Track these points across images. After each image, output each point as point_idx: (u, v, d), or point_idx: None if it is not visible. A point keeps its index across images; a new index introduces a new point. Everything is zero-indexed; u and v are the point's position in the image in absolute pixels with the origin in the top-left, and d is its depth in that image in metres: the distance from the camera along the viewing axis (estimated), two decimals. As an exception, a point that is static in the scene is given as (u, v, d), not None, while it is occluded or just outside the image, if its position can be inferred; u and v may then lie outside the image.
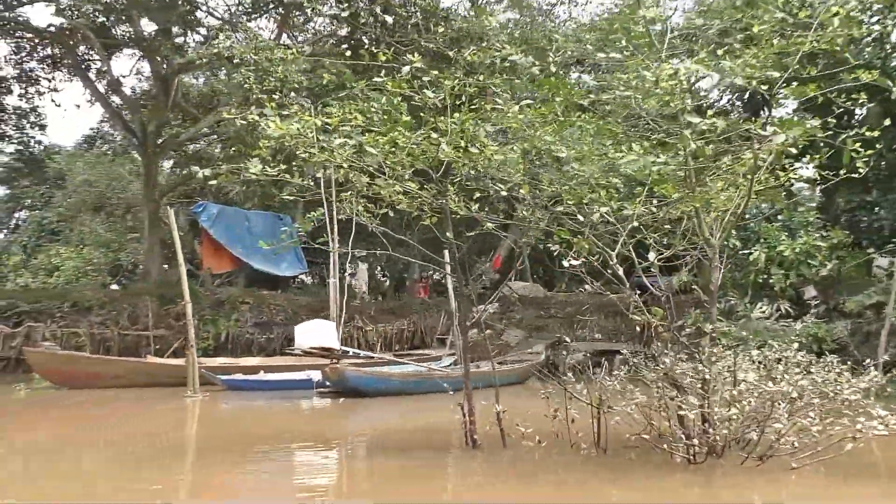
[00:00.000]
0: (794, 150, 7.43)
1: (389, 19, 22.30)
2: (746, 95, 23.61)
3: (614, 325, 24.45)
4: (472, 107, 8.43)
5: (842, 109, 8.88)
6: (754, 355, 8.52)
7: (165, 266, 27.16)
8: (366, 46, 23.43)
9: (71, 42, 23.60)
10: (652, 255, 8.54)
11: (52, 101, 28.19)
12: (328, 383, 16.01)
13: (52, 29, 23.67)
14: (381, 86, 8.32)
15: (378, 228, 9.43)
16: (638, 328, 8.66)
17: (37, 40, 24.95)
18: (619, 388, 8.88)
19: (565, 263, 7.96)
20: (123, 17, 22.68)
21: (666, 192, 7.62)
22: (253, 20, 21.22)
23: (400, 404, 15.35)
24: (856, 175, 7.81)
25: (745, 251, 20.17)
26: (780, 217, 20.61)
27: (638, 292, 8.70)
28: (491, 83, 8.47)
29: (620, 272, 8.26)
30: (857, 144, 7.57)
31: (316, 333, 15.90)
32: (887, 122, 8.49)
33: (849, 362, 8.85)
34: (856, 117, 20.79)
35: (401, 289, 33.48)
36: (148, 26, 22.93)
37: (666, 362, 8.21)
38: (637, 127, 8.62)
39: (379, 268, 36.68)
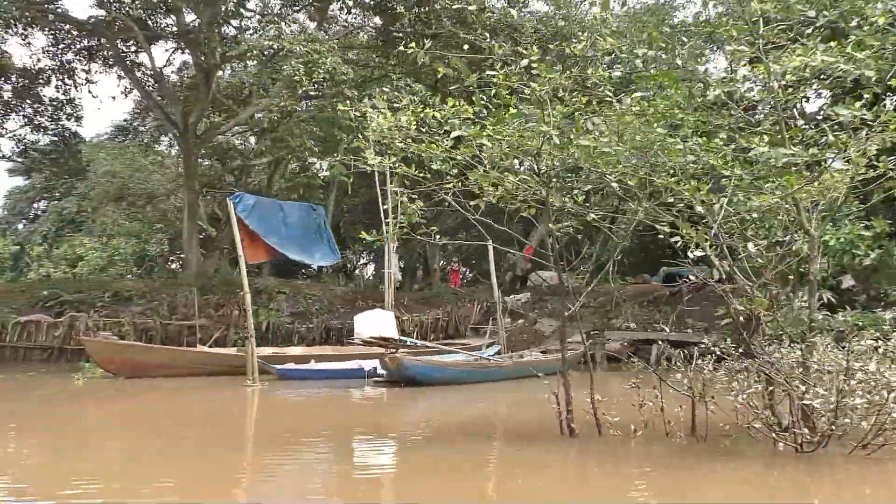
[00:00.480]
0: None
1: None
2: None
3: (648, 314, 24.59)
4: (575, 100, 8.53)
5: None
6: (866, 344, 8.58)
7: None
8: (400, 38, 23.67)
9: (111, 33, 23.60)
10: (751, 246, 8.65)
11: (90, 92, 28.27)
12: (385, 373, 16.16)
13: (93, 20, 23.72)
14: (490, 80, 8.36)
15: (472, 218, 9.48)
16: (742, 318, 8.67)
17: (76, 32, 24.99)
18: (711, 378, 8.97)
19: (690, 255, 8.03)
20: (165, 10, 22.82)
21: (789, 183, 7.71)
22: (294, 13, 21.19)
23: (458, 393, 15.55)
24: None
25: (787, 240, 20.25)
26: (820, 206, 20.68)
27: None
28: (596, 76, 8.53)
29: (725, 265, 8.32)
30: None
31: (376, 323, 16.09)
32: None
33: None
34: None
35: (417, 278, 33.64)
36: (188, 16, 23.11)
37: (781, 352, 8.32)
38: (750, 121, 8.72)
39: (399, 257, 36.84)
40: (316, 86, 18.78)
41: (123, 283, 24.98)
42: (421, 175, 8.90)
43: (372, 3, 23.12)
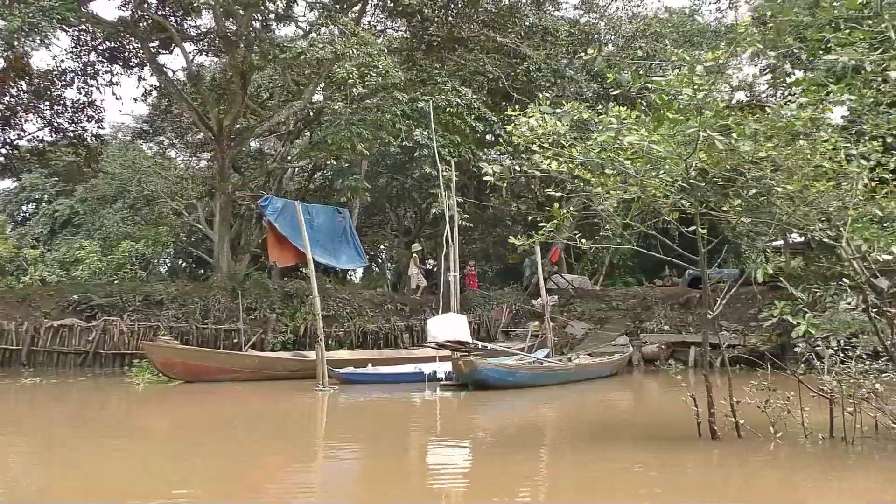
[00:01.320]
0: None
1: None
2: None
3: (680, 316, 24.69)
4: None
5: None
6: None
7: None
8: (434, 42, 23.70)
9: (142, 34, 23.41)
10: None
11: (114, 94, 27.97)
12: (454, 376, 16.21)
13: (124, 21, 23.53)
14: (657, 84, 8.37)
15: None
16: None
17: (100, 33, 24.76)
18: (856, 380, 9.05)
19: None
20: (194, 10, 22.65)
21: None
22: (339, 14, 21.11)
23: (525, 396, 15.61)
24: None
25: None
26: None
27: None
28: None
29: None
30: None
31: (450, 327, 16.07)
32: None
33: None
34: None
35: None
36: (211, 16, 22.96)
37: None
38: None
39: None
40: (368, 89, 18.70)
41: (154, 286, 24.70)
42: (577, 178, 8.89)
43: (400, 8, 23.13)
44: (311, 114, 25.33)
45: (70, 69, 26.67)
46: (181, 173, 34.46)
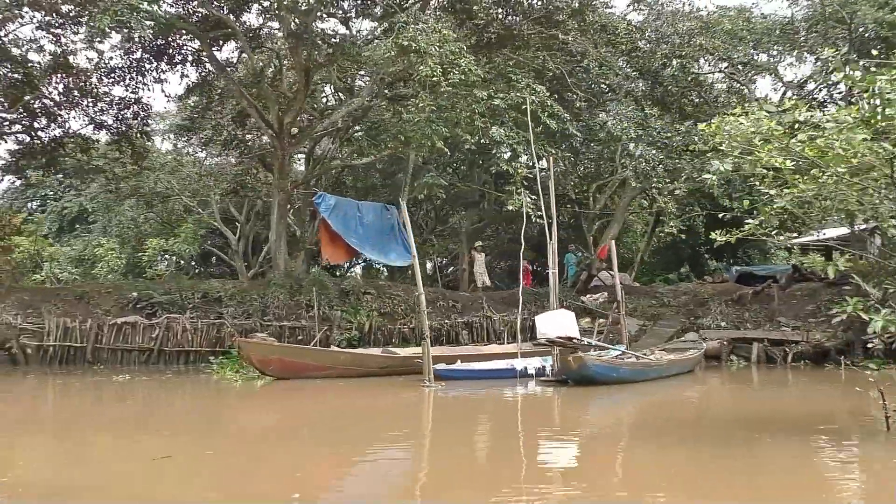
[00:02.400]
0: None
1: None
2: None
3: (737, 313, 24.87)
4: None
5: None
6: None
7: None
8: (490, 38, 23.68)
9: (201, 31, 23.33)
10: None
11: (163, 91, 27.88)
12: (554, 372, 16.37)
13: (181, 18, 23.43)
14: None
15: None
16: None
17: (154, 29, 24.60)
18: None
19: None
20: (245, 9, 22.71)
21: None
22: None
23: (633, 391, 15.78)
24: None
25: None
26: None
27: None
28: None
29: None
30: None
31: (558, 323, 16.21)
32: None
33: None
34: None
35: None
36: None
37: None
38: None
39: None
40: (451, 87, 18.72)
41: (211, 284, 24.65)
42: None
43: (454, 8, 23.17)
44: (361, 112, 25.38)
45: (118, 66, 26.47)
46: (202, 170, 34.26)
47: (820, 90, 27.12)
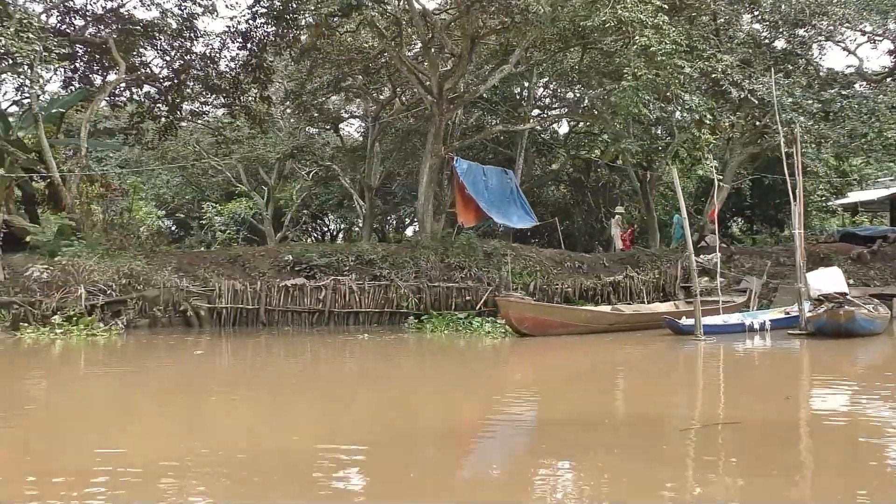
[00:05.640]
0: None
1: None
2: None
3: (862, 270, 25.90)
4: None
5: None
6: None
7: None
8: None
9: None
10: None
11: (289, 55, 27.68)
12: (806, 324, 17.25)
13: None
14: None
15: None
16: None
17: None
18: None
19: None
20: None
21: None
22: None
23: (873, 343, 16.91)
24: None
25: None
26: None
27: None
28: None
29: None
30: None
31: (830, 281, 17.33)
32: None
33: None
34: None
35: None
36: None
37: None
38: None
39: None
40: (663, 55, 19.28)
41: (362, 246, 24.93)
42: None
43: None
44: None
45: (243, 30, 26.31)
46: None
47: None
